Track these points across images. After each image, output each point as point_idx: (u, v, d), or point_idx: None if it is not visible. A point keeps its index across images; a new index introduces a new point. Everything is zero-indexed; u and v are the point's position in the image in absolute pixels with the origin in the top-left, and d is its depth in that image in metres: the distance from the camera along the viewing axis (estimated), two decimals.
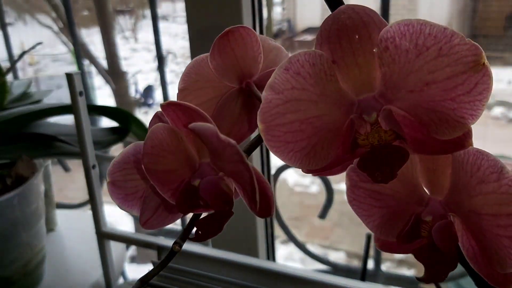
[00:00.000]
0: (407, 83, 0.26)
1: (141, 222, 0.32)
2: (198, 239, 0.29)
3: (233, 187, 0.30)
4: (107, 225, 0.76)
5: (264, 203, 0.28)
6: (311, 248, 1.09)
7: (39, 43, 0.99)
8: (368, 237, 0.79)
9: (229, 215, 0.29)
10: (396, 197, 0.32)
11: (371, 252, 0.99)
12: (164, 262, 0.29)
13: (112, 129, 0.87)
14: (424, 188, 0.32)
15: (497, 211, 0.27)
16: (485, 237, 0.28)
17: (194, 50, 0.79)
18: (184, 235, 0.29)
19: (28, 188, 0.73)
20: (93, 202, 0.73)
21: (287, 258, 2.37)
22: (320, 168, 0.28)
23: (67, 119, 0.88)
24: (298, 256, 2.33)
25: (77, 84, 0.67)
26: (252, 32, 0.34)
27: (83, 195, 1.22)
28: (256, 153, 0.84)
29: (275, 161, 1.08)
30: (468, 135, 0.27)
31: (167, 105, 0.29)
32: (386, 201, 0.32)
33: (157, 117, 0.30)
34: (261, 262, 0.67)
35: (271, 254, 0.94)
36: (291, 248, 2.43)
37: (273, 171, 1.04)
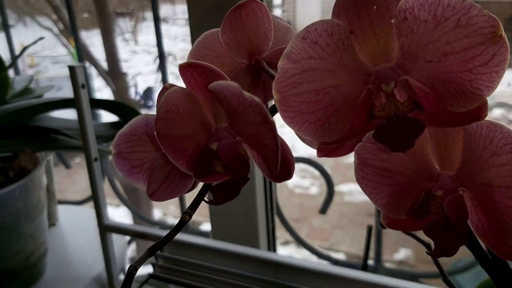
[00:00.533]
0: (425, 53, 0.26)
1: (148, 193, 0.31)
2: (214, 202, 0.29)
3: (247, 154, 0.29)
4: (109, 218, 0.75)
5: (284, 167, 0.27)
6: None
7: (41, 38, 0.99)
8: (369, 229, 0.79)
9: (245, 180, 0.29)
10: (405, 174, 0.31)
11: (371, 253, 0.98)
12: (173, 232, 0.28)
13: (113, 124, 0.87)
14: (435, 164, 0.31)
15: (510, 182, 0.27)
16: (496, 209, 0.28)
17: None
18: (193, 206, 0.29)
19: (30, 181, 0.73)
20: (95, 195, 0.73)
21: None
22: (333, 141, 0.28)
23: (69, 115, 0.88)
24: (299, 257, 2.33)
25: (79, 76, 0.67)
26: (264, 7, 0.33)
27: (84, 196, 1.22)
28: None
29: None
30: (483, 107, 0.27)
31: (186, 66, 0.28)
32: (395, 178, 0.31)
33: (165, 89, 0.30)
34: (262, 252, 0.67)
35: (272, 249, 0.93)
36: (292, 249, 2.43)
37: None
